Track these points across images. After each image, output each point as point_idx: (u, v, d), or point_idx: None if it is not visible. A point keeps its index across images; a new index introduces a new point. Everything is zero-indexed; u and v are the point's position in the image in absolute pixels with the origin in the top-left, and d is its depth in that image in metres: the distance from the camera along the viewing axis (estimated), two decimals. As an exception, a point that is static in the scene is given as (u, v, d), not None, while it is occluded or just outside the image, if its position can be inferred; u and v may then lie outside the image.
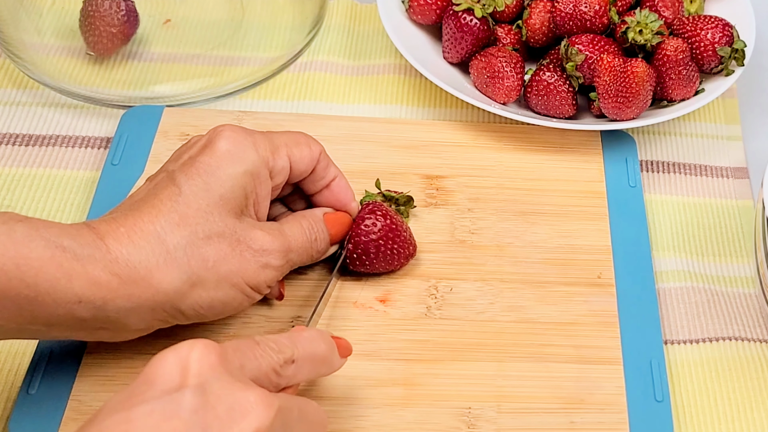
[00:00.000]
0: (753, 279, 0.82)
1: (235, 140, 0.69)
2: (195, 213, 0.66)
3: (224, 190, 0.68)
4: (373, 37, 1.01)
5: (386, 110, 0.94)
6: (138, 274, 0.64)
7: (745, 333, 0.78)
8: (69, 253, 0.62)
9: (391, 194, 0.80)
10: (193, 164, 0.68)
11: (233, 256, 0.67)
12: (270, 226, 0.70)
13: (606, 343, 0.74)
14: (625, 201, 0.84)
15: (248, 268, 0.68)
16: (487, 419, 0.69)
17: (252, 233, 0.69)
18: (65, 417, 0.68)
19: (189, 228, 0.66)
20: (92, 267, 0.62)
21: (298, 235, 0.72)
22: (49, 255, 0.61)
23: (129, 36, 0.94)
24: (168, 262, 0.65)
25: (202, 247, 0.66)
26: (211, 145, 0.69)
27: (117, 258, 0.63)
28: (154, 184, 0.69)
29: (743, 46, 0.89)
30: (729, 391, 0.74)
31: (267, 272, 0.69)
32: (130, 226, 0.65)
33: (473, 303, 0.76)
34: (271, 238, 0.69)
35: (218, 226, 0.67)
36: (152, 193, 0.68)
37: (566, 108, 0.88)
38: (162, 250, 0.65)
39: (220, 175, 0.68)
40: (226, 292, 0.67)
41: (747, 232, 0.85)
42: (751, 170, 0.91)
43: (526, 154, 0.88)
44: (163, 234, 0.65)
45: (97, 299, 0.63)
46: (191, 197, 0.67)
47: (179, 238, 0.66)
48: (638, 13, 0.88)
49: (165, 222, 0.66)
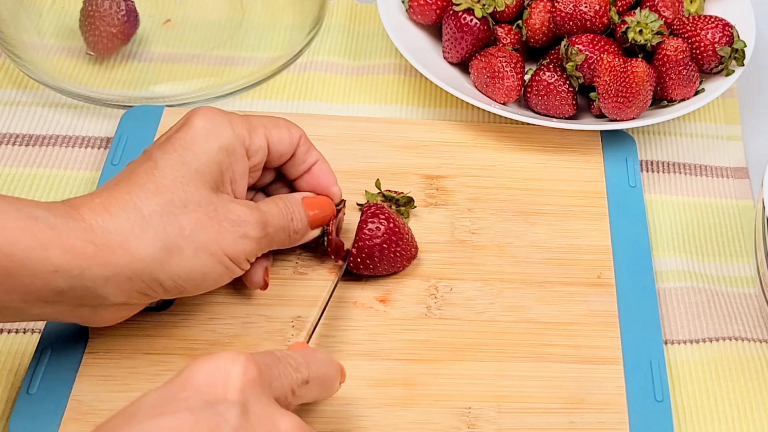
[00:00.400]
0: (753, 279, 0.82)
1: (210, 118, 0.70)
2: (171, 183, 0.66)
3: (200, 164, 0.68)
4: (373, 37, 1.01)
5: (386, 110, 0.94)
6: (114, 240, 0.64)
7: (745, 333, 0.78)
8: (42, 223, 0.62)
9: (391, 194, 0.80)
10: (169, 141, 0.69)
11: (211, 225, 0.67)
12: (246, 202, 0.70)
13: (606, 343, 0.74)
14: (625, 201, 0.84)
15: (226, 237, 0.68)
16: (487, 419, 0.69)
17: (229, 205, 0.68)
18: (65, 417, 0.68)
19: (165, 197, 0.66)
20: (67, 235, 0.62)
21: (274, 212, 0.72)
22: (23, 225, 0.61)
23: (129, 36, 0.94)
24: (144, 228, 0.65)
25: (179, 215, 0.66)
26: (187, 123, 0.69)
27: (92, 225, 0.63)
28: (132, 164, 0.69)
29: (743, 46, 0.89)
30: (729, 391, 0.74)
31: (245, 243, 0.69)
32: (106, 197, 0.65)
33: (473, 303, 0.76)
34: (248, 210, 0.69)
35: (195, 196, 0.67)
36: (128, 170, 0.68)
37: (566, 108, 0.88)
38: (137, 216, 0.65)
39: (196, 149, 0.68)
40: (204, 262, 0.67)
41: (747, 232, 0.85)
42: (751, 170, 0.91)
43: (526, 154, 0.88)
44: (138, 202, 0.65)
45: (74, 267, 0.62)
46: (167, 170, 0.67)
47: (155, 206, 0.65)
48: (638, 13, 0.88)
49: (141, 191, 0.66)
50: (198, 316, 0.74)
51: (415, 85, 0.96)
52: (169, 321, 0.73)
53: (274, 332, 0.73)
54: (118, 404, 0.67)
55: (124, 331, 0.72)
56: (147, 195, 0.66)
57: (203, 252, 0.67)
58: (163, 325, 0.73)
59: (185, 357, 0.71)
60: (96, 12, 0.91)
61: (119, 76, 0.93)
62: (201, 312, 0.74)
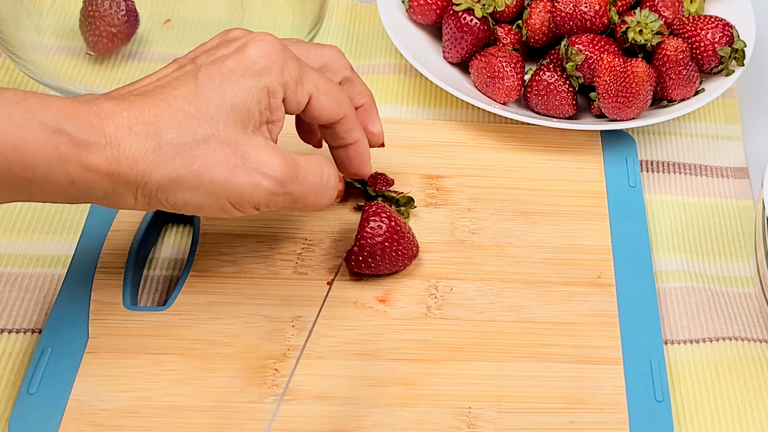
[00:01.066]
0: (753, 279, 0.82)
1: (266, 51, 0.68)
2: (201, 116, 0.66)
3: (238, 100, 0.67)
4: (373, 37, 1.01)
5: (386, 110, 0.94)
6: (127, 162, 0.64)
7: (745, 333, 0.78)
8: (66, 138, 0.62)
9: (391, 195, 0.80)
10: (219, 66, 0.67)
11: (222, 165, 0.66)
12: (282, 152, 0.68)
13: (606, 343, 0.74)
14: (625, 201, 0.84)
15: (235, 182, 0.66)
16: (487, 419, 0.69)
17: (255, 149, 0.67)
18: (65, 417, 0.68)
19: (189, 129, 0.65)
20: (86, 152, 0.63)
21: (313, 170, 0.70)
22: (47, 138, 0.62)
23: (129, 36, 0.94)
24: (157, 156, 0.64)
25: (195, 149, 0.65)
26: (242, 49, 0.68)
27: (111, 143, 0.63)
28: (177, 75, 0.68)
29: (743, 46, 0.89)
30: (729, 391, 0.74)
31: (256, 192, 0.67)
32: (135, 113, 0.65)
33: (473, 303, 0.76)
34: (277, 161, 0.67)
35: (219, 133, 0.66)
36: (170, 85, 0.67)
37: (566, 108, 0.88)
38: (155, 144, 0.64)
39: (239, 83, 0.67)
40: (202, 199, 0.66)
41: (747, 232, 0.85)
42: (751, 170, 0.91)
43: (526, 154, 0.88)
44: (161, 129, 0.65)
45: (87, 182, 0.63)
46: (204, 99, 0.66)
47: (175, 136, 0.65)
48: (638, 13, 0.88)
49: (169, 118, 0.65)
50: (198, 316, 0.74)
51: (415, 85, 0.96)
52: (169, 321, 0.73)
53: (274, 332, 0.73)
54: (119, 404, 0.68)
55: (124, 330, 0.72)
56: (173, 123, 0.65)
57: (203, 190, 0.66)
58: (162, 325, 0.73)
59: (185, 357, 0.71)
60: (96, 12, 0.91)
61: (119, 76, 0.93)
62: (201, 312, 0.74)
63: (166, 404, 0.69)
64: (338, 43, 1.00)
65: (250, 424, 0.68)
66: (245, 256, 0.78)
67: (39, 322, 0.76)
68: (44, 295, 0.78)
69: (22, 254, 0.80)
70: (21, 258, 0.80)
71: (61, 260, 0.80)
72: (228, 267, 0.77)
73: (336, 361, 0.72)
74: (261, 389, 0.70)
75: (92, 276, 0.76)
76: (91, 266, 0.76)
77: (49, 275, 0.79)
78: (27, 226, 0.82)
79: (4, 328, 0.75)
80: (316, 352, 0.72)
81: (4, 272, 0.79)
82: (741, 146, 0.93)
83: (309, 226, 0.80)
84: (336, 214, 0.81)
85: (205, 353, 0.72)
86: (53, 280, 0.78)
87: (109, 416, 0.68)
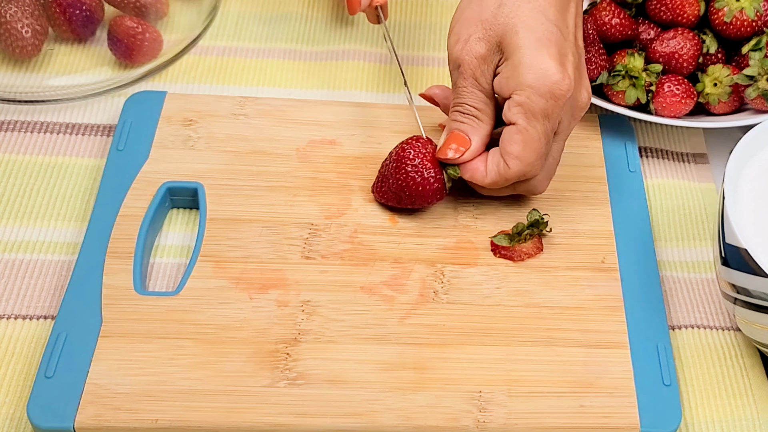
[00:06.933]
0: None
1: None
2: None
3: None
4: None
5: (388, 98, 0.94)
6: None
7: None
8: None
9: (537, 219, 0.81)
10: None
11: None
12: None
13: (612, 328, 0.75)
14: (626, 186, 0.85)
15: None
16: (498, 403, 0.70)
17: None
18: (83, 400, 0.68)
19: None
20: None
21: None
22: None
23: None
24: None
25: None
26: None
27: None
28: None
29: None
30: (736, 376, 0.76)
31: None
32: None
33: (479, 287, 0.77)
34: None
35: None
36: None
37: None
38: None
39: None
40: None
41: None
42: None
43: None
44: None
45: None
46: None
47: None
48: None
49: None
50: (208, 301, 0.74)
51: (415, 73, 0.97)
52: (180, 305, 0.74)
53: (284, 317, 0.74)
54: (135, 388, 0.69)
55: (137, 315, 0.73)
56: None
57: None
58: (174, 310, 0.74)
59: (197, 341, 0.72)
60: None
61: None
62: (211, 297, 0.75)
63: (182, 389, 0.69)
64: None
65: (264, 408, 0.69)
66: (252, 241, 0.78)
67: (52, 308, 0.76)
68: (56, 281, 0.78)
69: (33, 240, 0.80)
70: (33, 244, 0.80)
71: (71, 247, 0.80)
72: (236, 252, 0.78)
73: (347, 345, 0.73)
74: (273, 373, 0.71)
75: (103, 261, 0.76)
76: (102, 252, 0.77)
77: (60, 262, 0.79)
78: (37, 213, 0.82)
79: (19, 315, 0.76)
80: (326, 336, 0.73)
81: (17, 259, 0.79)
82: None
83: (315, 213, 0.81)
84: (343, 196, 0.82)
85: (217, 338, 0.72)
86: (64, 267, 0.79)
87: (126, 400, 0.68)
